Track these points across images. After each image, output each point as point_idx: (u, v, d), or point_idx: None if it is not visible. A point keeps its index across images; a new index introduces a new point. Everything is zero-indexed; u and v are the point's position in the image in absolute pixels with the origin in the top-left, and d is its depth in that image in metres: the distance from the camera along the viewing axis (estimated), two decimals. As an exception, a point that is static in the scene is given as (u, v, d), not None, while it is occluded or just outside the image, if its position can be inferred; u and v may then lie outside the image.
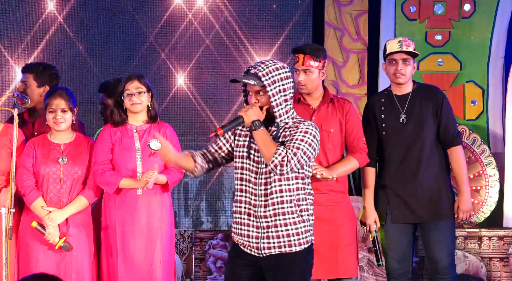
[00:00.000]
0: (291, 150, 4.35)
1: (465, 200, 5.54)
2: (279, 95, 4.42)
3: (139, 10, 8.13)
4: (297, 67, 5.43)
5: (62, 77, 6.38)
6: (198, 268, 7.62)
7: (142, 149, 5.53)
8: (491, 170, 7.73)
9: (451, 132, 5.59)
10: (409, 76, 5.60)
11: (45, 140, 5.59)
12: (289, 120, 4.48)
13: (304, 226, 4.47)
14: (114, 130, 5.59)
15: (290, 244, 4.45)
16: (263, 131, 4.39)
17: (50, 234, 5.43)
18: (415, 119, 5.57)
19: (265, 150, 4.37)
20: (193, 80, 8.21)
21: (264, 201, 4.44)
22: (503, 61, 7.97)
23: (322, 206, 5.43)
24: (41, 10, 7.98)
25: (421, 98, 5.60)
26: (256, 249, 4.48)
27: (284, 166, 4.33)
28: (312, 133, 4.43)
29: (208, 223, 8.12)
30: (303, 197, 4.48)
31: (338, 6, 8.31)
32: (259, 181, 4.46)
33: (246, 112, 4.41)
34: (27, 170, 5.49)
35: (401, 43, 5.55)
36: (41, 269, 5.42)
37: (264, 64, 4.44)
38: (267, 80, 4.39)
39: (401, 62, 5.56)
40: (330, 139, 5.47)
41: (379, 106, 5.66)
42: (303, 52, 5.40)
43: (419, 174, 5.54)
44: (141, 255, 5.51)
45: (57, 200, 5.50)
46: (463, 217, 5.52)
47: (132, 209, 5.51)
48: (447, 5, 8.08)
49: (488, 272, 7.46)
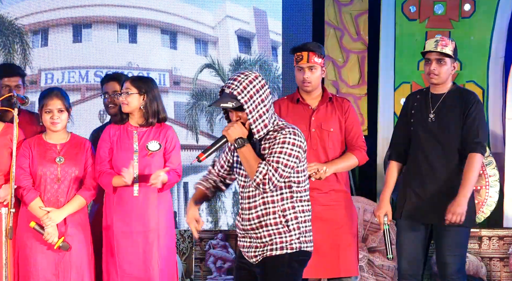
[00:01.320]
0: (271, 166, 4.32)
1: (460, 203, 5.37)
2: (257, 109, 4.37)
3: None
4: (302, 65, 5.42)
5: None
6: (198, 268, 7.62)
7: (140, 150, 5.55)
8: (491, 170, 7.73)
9: (471, 137, 5.43)
10: (444, 76, 5.48)
11: (40, 140, 5.59)
12: (270, 130, 4.43)
13: (290, 235, 4.44)
14: (114, 130, 5.61)
15: (271, 249, 4.44)
16: (246, 149, 4.36)
17: (49, 234, 5.43)
18: (442, 120, 5.48)
19: (248, 167, 4.36)
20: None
21: (249, 214, 4.45)
22: (503, 61, 7.97)
23: (323, 206, 5.45)
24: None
25: (454, 100, 5.50)
26: (248, 257, 4.52)
27: (266, 185, 4.32)
28: (290, 142, 4.37)
29: (208, 223, 8.12)
30: (289, 206, 4.44)
31: (338, 6, 8.31)
32: (244, 194, 4.47)
33: (228, 131, 4.38)
34: (23, 171, 5.49)
35: (437, 43, 5.46)
36: (40, 269, 5.44)
37: (237, 81, 4.39)
38: (244, 98, 4.35)
39: (435, 62, 5.46)
40: (330, 138, 5.49)
41: (413, 102, 5.59)
42: (307, 49, 5.40)
43: (437, 176, 5.46)
44: (138, 256, 5.51)
45: (55, 200, 5.50)
46: (452, 218, 5.35)
47: (128, 210, 5.52)
48: (447, 5, 8.08)
49: (488, 272, 7.46)
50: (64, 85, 7.99)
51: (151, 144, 5.53)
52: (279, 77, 8.35)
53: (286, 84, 8.29)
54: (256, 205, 4.42)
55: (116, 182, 5.48)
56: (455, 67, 5.55)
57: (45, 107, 5.52)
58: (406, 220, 5.53)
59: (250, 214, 4.44)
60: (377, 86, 8.12)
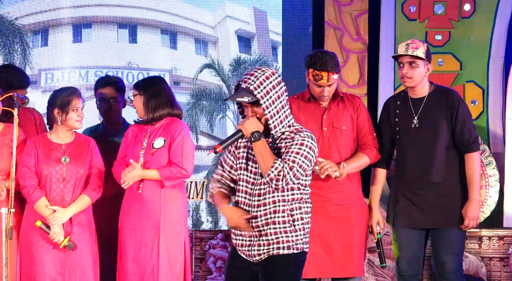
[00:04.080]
0: (287, 164, 4.35)
1: (473, 208, 5.43)
2: (274, 104, 4.41)
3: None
4: (321, 84, 5.43)
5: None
6: (198, 268, 7.63)
7: (147, 147, 5.58)
8: (491, 170, 7.73)
9: (466, 138, 5.48)
10: (417, 79, 5.48)
11: (45, 139, 5.60)
12: (286, 129, 4.47)
13: (296, 235, 4.47)
14: (135, 128, 5.69)
15: (278, 247, 4.46)
16: (262, 143, 4.39)
17: (55, 233, 5.44)
18: (428, 125, 5.49)
19: (262, 163, 4.38)
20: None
21: (257, 211, 4.46)
22: (503, 61, 7.97)
23: (335, 205, 5.46)
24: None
25: (436, 103, 5.51)
26: (248, 256, 4.53)
27: (280, 181, 4.35)
28: (308, 144, 4.42)
29: (208, 223, 8.12)
30: (297, 206, 4.48)
31: (338, 6, 8.31)
32: (254, 191, 4.47)
33: (244, 124, 4.41)
34: (29, 170, 5.50)
35: (408, 46, 5.47)
36: (46, 268, 5.44)
37: (254, 76, 4.42)
38: (260, 93, 4.38)
39: (407, 65, 5.47)
40: (343, 136, 5.50)
41: (394, 109, 5.61)
42: (326, 69, 5.38)
43: (429, 180, 5.47)
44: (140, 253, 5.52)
45: (61, 199, 5.50)
46: (470, 224, 5.42)
47: (133, 207, 5.55)
48: (447, 5, 8.09)
49: (488, 272, 7.46)
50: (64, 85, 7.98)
51: (157, 141, 5.57)
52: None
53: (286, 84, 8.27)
54: (266, 203, 4.44)
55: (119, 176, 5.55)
56: (429, 68, 5.54)
57: (71, 105, 5.54)
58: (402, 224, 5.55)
59: (259, 211, 4.45)
60: (377, 86, 8.12)
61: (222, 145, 4.42)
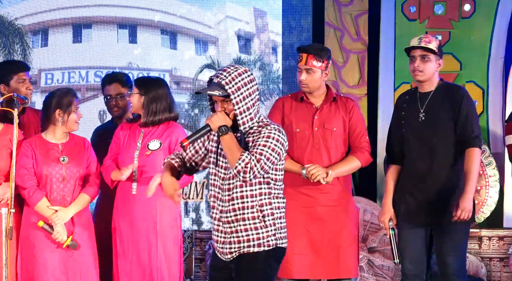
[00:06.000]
0: (255, 157, 4.35)
1: (467, 199, 5.37)
2: (245, 101, 4.41)
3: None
4: (300, 66, 5.44)
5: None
6: (198, 268, 7.63)
7: (141, 149, 5.59)
8: (491, 170, 7.73)
9: (468, 133, 5.44)
10: (429, 73, 5.46)
11: (41, 140, 5.60)
12: (254, 124, 4.47)
13: (267, 231, 4.46)
14: (126, 127, 5.70)
15: (249, 245, 4.45)
16: (229, 137, 4.38)
17: (58, 232, 5.45)
18: (432, 119, 5.47)
19: (230, 155, 4.38)
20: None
21: (227, 206, 4.46)
22: (503, 61, 7.98)
23: (323, 206, 5.44)
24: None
25: (441, 97, 5.48)
26: (222, 254, 4.52)
27: (247, 173, 4.35)
28: (274, 137, 4.41)
29: (208, 223, 8.12)
30: (267, 201, 4.47)
31: (338, 6, 8.32)
32: (224, 186, 4.48)
33: (211, 119, 4.41)
34: (27, 171, 5.50)
35: (421, 39, 5.45)
36: (49, 268, 5.45)
37: (226, 72, 4.42)
38: (231, 88, 4.38)
39: (419, 59, 5.44)
40: (333, 137, 5.48)
41: (402, 103, 5.59)
42: (307, 51, 5.41)
43: (431, 176, 5.45)
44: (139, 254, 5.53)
45: (62, 199, 5.52)
46: (461, 215, 5.34)
47: (127, 208, 5.56)
48: (447, 5, 8.09)
49: (488, 272, 7.47)
50: (64, 85, 7.99)
51: (152, 143, 5.58)
52: (279, 77, 8.35)
53: (286, 84, 8.30)
54: (233, 198, 4.45)
55: (114, 176, 5.56)
56: (440, 64, 5.52)
57: (73, 106, 5.57)
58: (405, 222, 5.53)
59: (229, 206, 4.46)
60: (377, 86, 8.12)
61: (189, 139, 4.43)
